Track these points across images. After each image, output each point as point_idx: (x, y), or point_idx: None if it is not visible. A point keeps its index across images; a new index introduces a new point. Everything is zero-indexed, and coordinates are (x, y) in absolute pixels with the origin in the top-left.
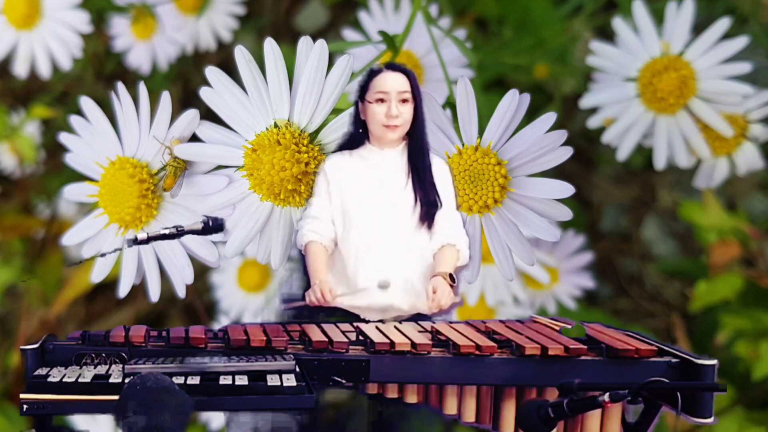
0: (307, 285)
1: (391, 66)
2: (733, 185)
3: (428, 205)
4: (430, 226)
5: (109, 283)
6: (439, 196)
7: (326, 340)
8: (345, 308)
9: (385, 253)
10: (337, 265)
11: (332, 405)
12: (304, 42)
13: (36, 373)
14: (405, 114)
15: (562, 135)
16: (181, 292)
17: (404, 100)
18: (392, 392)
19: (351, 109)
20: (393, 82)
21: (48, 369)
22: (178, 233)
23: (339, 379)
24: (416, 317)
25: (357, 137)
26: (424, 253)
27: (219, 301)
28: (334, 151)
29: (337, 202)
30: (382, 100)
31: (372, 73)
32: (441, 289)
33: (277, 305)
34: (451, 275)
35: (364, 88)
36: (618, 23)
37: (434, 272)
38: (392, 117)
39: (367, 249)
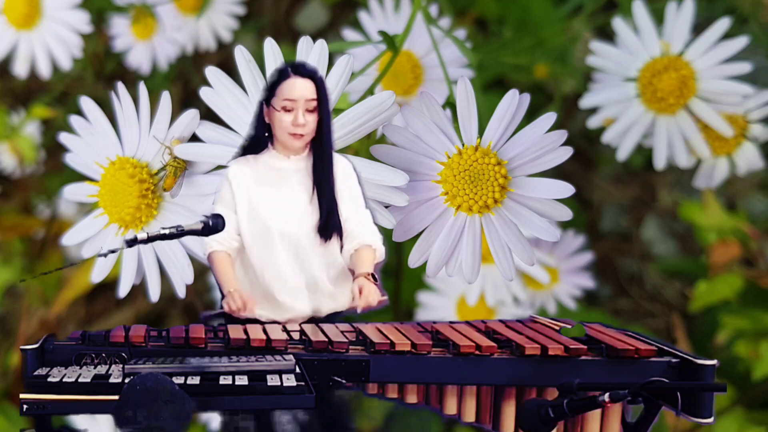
0: (222, 294)
1: (298, 70)
2: (733, 185)
3: (328, 221)
4: (326, 240)
5: (109, 283)
6: (338, 213)
7: (326, 340)
8: (263, 320)
9: (298, 264)
10: (249, 275)
11: None
12: (304, 42)
13: (36, 373)
14: (311, 123)
15: (562, 135)
16: (181, 292)
17: (310, 109)
18: (392, 392)
19: (256, 111)
20: (301, 90)
21: (48, 369)
22: (178, 233)
23: (339, 379)
24: (331, 317)
25: (261, 140)
26: (335, 258)
27: (219, 301)
28: (236, 156)
29: (244, 213)
30: (289, 108)
31: (280, 77)
32: (367, 288)
33: None
34: (372, 275)
35: (270, 92)
36: (618, 23)
37: (356, 274)
38: (299, 125)
39: (280, 261)
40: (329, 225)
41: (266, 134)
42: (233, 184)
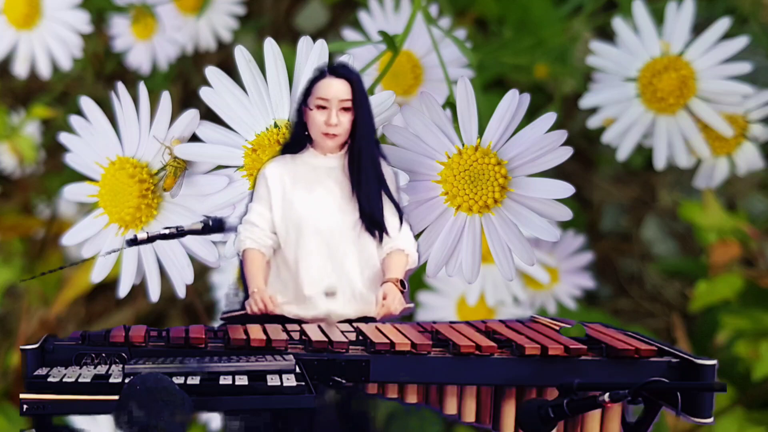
0: (247, 294)
1: (335, 71)
2: (733, 185)
3: (370, 217)
4: (377, 236)
5: (109, 283)
6: (381, 210)
7: (326, 340)
8: (288, 316)
9: (331, 261)
10: (281, 272)
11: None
12: (304, 42)
13: (36, 373)
14: (344, 123)
15: (562, 135)
16: (181, 292)
17: (345, 109)
18: (392, 392)
19: (295, 113)
20: (335, 90)
21: (48, 369)
22: (178, 233)
23: (339, 379)
24: (362, 319)
25: (300, 141)
26: (370, 259)
27: (219, 301)
28: (275, 155)
29: (279, 209)
30: (322, 107)
31: (315, 78)
32: (391, 295)
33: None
34: (401, 281)
35: (306, 93)
36: (618, 23)
37: (384, 278)
38: (331, 125)
39: (312, 257)
40: (372, 219)
41: (305, 133)
42: (269, 181)
